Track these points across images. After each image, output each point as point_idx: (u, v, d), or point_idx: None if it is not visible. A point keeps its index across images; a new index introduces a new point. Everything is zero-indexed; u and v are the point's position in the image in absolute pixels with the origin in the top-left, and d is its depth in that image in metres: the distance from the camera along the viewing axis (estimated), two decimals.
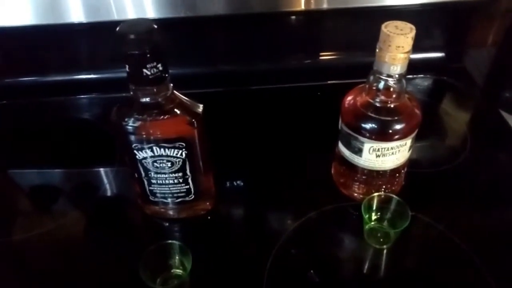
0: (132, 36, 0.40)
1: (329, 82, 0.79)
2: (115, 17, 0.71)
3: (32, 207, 0.62)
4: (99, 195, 0.61)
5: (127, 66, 0.43)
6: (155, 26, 0.42)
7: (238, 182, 0.61)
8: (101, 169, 0.65)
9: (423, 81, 0.80)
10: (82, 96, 0.80)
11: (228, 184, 0.60)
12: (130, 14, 0.72)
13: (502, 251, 0.52)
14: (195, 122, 0.47)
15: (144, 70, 0.42)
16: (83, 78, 0.80)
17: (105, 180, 0.64)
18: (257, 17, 0.75)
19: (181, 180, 0.51)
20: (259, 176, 0.62)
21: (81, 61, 0.80)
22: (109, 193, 0.62)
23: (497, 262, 0.50)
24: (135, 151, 0.48)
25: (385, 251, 0.52)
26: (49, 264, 0.52)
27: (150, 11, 0.72)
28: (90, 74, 0.80)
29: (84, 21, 0.72)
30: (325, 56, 0.81)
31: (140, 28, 0.41)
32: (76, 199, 0.61)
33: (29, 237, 0.55)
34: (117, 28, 0.41)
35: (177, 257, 0.48)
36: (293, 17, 0.77)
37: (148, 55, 0.41)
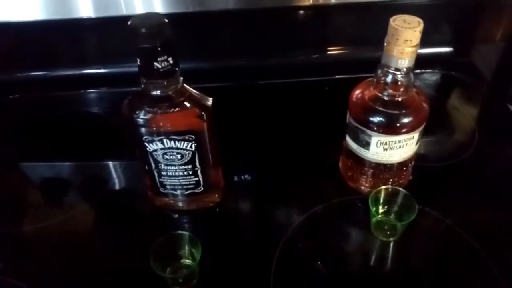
0: (143, 30, 0.41)
1: (337, 76, 0.79)
2: (124, 12, 0.72)
3: (43, 199, 0.63)
4: (109, 188, 0.62)
5: (138, 60, 0.43)
6: (166, 20, 0.42)
7: (246, 175, 0.61)
8: (111, 163, 0.66)
9: (431, 76, 0.80)
10: (92, 90, 0.81)
11: (236, 177, 0.61)
12: (139, 9, 0.73)
13: (508, 245, 0.52)
14: (204, 115, 0.48)
15: (155, 64, 0.43)
16: (93, 72, 0.81)
17: (115, 173, 0.64)
18: (266, 12, 0.75)
19: (190, 172, 0.52)
20: (267, 169, 0.62)
21: (91, 55, 0.81)
22: (119, 186, 0.63)
23: (504, 256, 0.50)
24: (145, 144, 0.49)
25: (391, 244, 0.52)
26: (59, 255, 0.53)
27: (159, 6, 0.72)
28: (100, 68, 0.81)
29: (94, 16, 0.73)
30: (333, 50, 0.82)
31: (152, 22, 0.42)
32: (87, 192, 0.62)
33: (40, 228, 0.56)
34: (129, 22, 0.42)
35: (186, 248, 0.48)
36: (302, 11, 0.77)
37: (159, 49, 0.42)
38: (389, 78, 0.49)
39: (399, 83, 0.49)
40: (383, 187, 0.52)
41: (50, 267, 0.52)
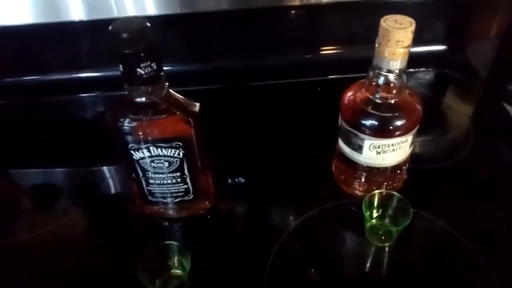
0: (125, 35, 0.40)
1: (329, 77, 0.78)
2: (115, 14, 0.71)
3: (32, 206, 0.62)
4: (99, 194, 0.61)
5: (120, 66, 0.42)
6: (148, 24, 0.41)
7: (238, 180, 0.60)
8: (102, 168, 0.65)
9: (425, 75, 0.79)
10: (83, 94, 0.80)
11: (227, 182, 0.60)
12: (130, 11, 0.71)
13: (504, 247, 0.51)
14: (191, 121, 0.47)
15: (138, 70, 0.41)
16: (84, 76, 0.80)
17: (106, 179, 0.63)
18: (256, 12, 0.74)
19: (179, 180, 0.51)
20: (259, 173, 0.61)
21: (82, 59, 0.79)
22: (109, 192, 0.62)
23: (500, 258, 0.50)
24: (132, 152, 0.47)
25: (387, 249, 0.51)
26: (49, 264, 0.52)
27: (150, 8, 0.71)
28: (91, 72, 0.80)
29: (85, 19, 0.72)
30: (326, 50, 0.81)
31: (133, 26, 0.40)
32: (76, 199, 0.61)
33: (30, 237, 0.55)
34: (110, 27, 0.40)
35: (175, 258, 0.47)
36: (293, 11, 0.76)
37: (142, 54, 0.41)
38: (381, 80, 0.47)
39: (392, 85, 0.47)
40: (376, 191, 0.51)
41: (40, 275, 0.51)
